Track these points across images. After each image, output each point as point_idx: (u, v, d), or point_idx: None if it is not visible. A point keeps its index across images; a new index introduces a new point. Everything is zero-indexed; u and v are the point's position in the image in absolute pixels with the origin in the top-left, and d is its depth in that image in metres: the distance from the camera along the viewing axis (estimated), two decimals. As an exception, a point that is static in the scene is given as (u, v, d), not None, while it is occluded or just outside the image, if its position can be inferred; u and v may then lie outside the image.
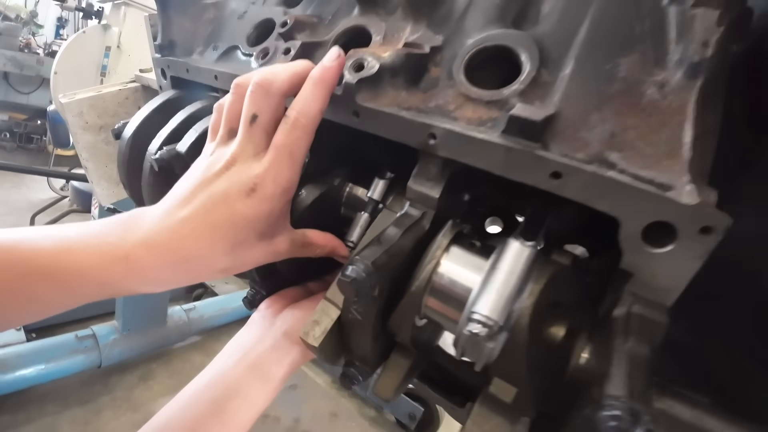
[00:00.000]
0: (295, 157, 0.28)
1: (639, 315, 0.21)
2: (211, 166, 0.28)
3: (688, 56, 0.22)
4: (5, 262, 0.25)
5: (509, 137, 0.23)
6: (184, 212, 0.27)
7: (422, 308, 0.26)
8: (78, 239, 0.26)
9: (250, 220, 0.27)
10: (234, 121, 0.29)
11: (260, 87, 0.27)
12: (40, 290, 0.26)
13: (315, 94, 0.27)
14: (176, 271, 0.27)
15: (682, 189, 0.20)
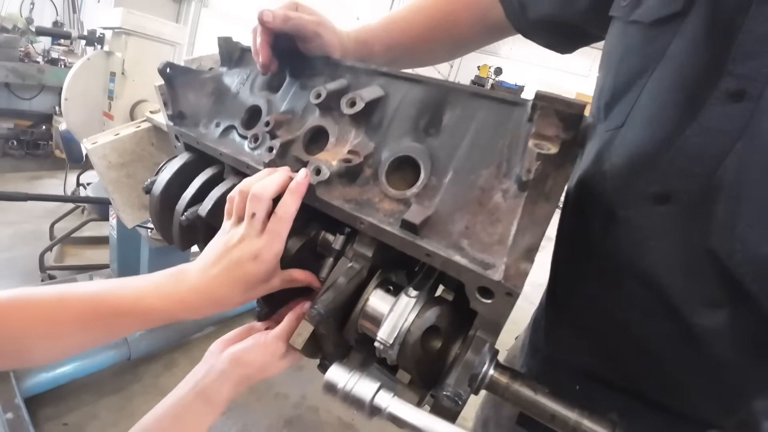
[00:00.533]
0: (282, 236, 0.43)
1: (477, 338, 0.36)
2: (229, 241, 0.43)
3: (520, 175, 0.36)
4: (99, 306, 0.40)
5: (402, 230, 0.37)
6: (215, 270, 0.42)
7: (359, 327, 0.42)
8: (147, 289, 0.41)
9: (255, 275, 0.42)
10: (241, 213, 0.43)
11: (256, 197, 0.41)
12: (124, 324, 0.41)
13: (292, 200, 0.42)
14: (211, 306, 0.43)
15: (498, 268, 0.34)
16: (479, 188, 0.38)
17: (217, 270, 0.42)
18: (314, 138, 0.49)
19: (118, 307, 0.40)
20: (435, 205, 0.38)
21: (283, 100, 0.55)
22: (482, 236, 0.36)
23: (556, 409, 0.39)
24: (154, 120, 0.95)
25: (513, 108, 0.39)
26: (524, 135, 0.37)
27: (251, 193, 0.42)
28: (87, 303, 0.39)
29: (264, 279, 0.44)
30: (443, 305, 0.39)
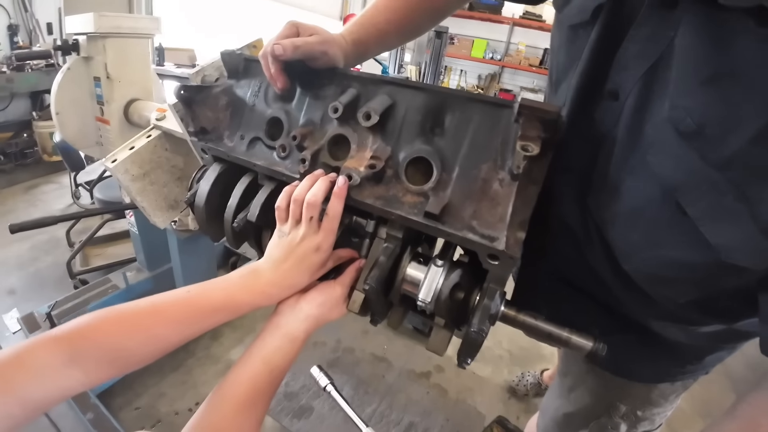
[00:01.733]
0: (334, 231, 0.54)
1: (491, 288, 0.49)
2: (292, 240, 0.54)
3: (512, 168, 0.47)
4: (194, 308, 0.52)
5: (426, 218, 0.49)
6: (287, 265, 0.54)
7: (401, 291, 0.55)
8: (234, 287, 0.53)
9: (318, 263, 0.55)
10: (298, 217, 0.54)
11: (311, 204, 0.52)
12: (218, 319, 0.54)
13: (338, 202, 0.52)
14: (287, 293, 0.55)
15: (501, 240, 0.46)
16: (481, 180, 0.49)
17: (288, 264, 0.54)
18: (336, 143, 0.58)
19: (212, 305, 0.51)
20: (448, 196, 0.49)
21: (300, 111, 0.63)
22: (487, 217, 0.48)
23: (551, 330, 0.54)
24: (163, 127, 1.01)
25: (503, 110, 0.48)
26: (513, 134, 0.47)
27: (306, 201, 0.52)
28: (182, 308, 0.49)
29: (324, 264, 0.56)
30: (462, 267, 0.52)
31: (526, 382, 1.88)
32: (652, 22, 0.41)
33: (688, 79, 0.38)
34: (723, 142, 0.36)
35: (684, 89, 0.39)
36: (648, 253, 0.47)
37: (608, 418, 0.78)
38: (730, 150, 0.36)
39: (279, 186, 0.64)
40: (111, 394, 1.60)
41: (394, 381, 1.79)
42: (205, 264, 1.74)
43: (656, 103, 0.42)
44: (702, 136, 0.38)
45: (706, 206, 0.39)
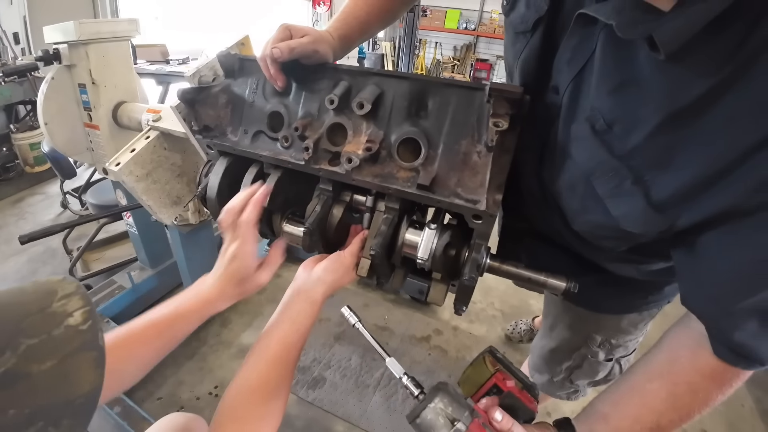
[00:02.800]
0: (248, 238, 0.62)
1: (477, 243, 0.59)
2: (222, 250, 0.63)
3: (487, 141, 0.56)
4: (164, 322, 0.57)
5: (419, 190, 0.58)
6: (217, 273, 0.61)
7: (402, 253, 0.65)
8: (188, 297, 0.60)
9: (239, 270, 0.61)
10: (225, 226, 0.63)
11: (227, 212, 0.62)
12: (191, 325, 0.59)
13: (251, 210, 0.62)
14: (225, 299, 0.61)
15: (482, 202, 0.56)
16: (462, 153, 0.58)
17: (218, 272, 0.62)
18: (333, 131, 0.66)
19: (187, 313, 0.59)
20: (435, 169, 0.58)
21: (298, 104, 0.70)
22: (469, 184, 0.57)
23: (530, 275, 0.65)
24: (160, 127, 1.05)
25: (476, 92, 0.57)
26: (486, 112, 0.56)
27: (224, 210, 0.61)
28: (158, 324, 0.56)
29: (248, 274, 0.63)
30: (451, 229, 0.62)
31: (520, 329, 2.04)
32: (577, 35, 0.50)
33: (601, 86, 0.47)
34: (626, 138, 0.45)
35: (598, 94, 0.48)
36: (583, 217, 0.58)
37: (587, 348, 0.91)
38: (632, 144, 0.45)
39: (284, 173, 0.72)
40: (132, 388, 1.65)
41: (397, 346, 1.93)
42: (208, 255, 1.81)
43: (582, 102, 0.51)
44: (610, 133, 0.46)
45: (612, 187, 0.48)
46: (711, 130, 0.38)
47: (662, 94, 0.41)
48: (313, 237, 0.67)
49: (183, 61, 3.47)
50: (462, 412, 0.48)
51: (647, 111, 0.42)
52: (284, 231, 0.75)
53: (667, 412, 0.51)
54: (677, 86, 0.39)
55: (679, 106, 0.39)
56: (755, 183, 0.37)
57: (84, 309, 0.34)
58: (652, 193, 0.44)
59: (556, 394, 1.07)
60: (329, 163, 0.64)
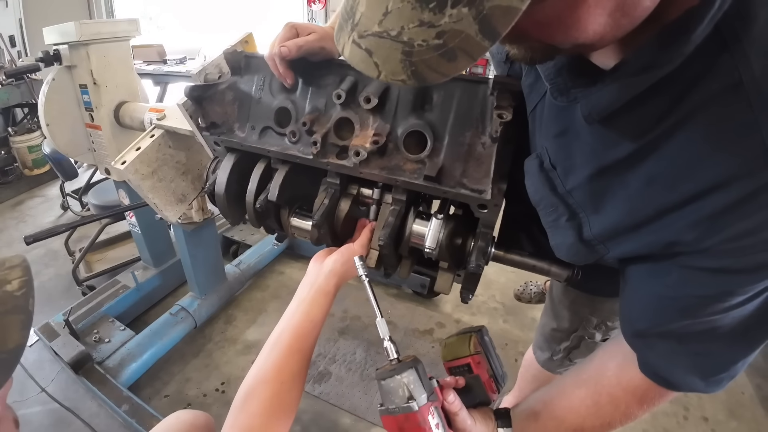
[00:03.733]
0: None
1: (482, 232, 0.61)
2: None
3: (491, 133, 0.57)
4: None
5: (426, 181, 0.59)
6: None
7: (410, 243, 0.67)
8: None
9: None
10: None
11: None
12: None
13: None
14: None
15: (488, 192, 0.57)
16: (467, 144, 0.60)
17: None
18: (340, 126, 0.67)
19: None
20: (441, 161, 0.60)
21: (305, 100, 0.71)
22: (474, 174, 0.59)
23: (535, 263, 0.67)
24: (165, 126, 1.07)
25: (479, 85, 0.59)
26: (490, 105, 0.57)
27: None
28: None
29: None
30: (457, 219, 0.64)
31: (530, 291, 2.07)
32: (533, 75, 0.53)
33: (549, 128, 0.51)
34: (565, 179, 0.49)
35: (546, 135, 0.51)
36: None
37: (584, 330, 0.94)
38: (569, 186, 0.48)
39: (293, 167, 0.74)
40: (139, 387, 1.70)
41: (401, 339, 1.95)
42: (212, 253, 1.83)
43: (537, 136, 0.55)
44: (554, 173, 0.50)
45: (551, 220, 0.52)
46: (634, 187, 0.41)
47: (592, 149, 0.44)
48: (321, 230, 0.69)
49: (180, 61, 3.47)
50: (421, 393, 0.51)
51: (581, 160, 0.46)
52: (292, 225, 0.77)
53: (590, 418, 0.55)
54: (604, 146, 0.43)
55: (605, 163, 0.43)
56: (666, 239, 0.40)
57: (21, 279, 0.39)
58: (584, 230, 0.49)
59: (556, 371, 1.10)
60: (337, 157, 0.66)
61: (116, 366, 1.64)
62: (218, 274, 1.91)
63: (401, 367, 0.52)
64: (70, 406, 1.58)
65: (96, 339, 1.75)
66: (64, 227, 1.33)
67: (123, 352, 1.68)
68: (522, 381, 1.34)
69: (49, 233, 1.31)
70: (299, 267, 2.43)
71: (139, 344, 1.71)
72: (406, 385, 0.51)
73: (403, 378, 0.51)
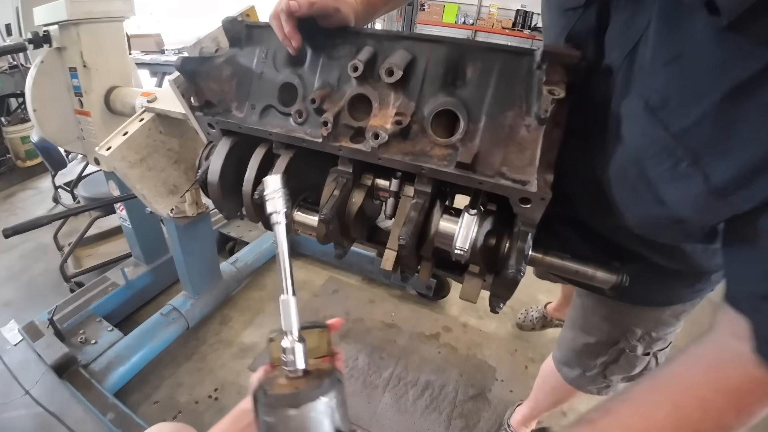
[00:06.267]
0: None
1: (522, 231, 0.51)
2: None
3: (538, 113, 0.48)
4: None
5: (458, 169, 0.50)
6: None
7: (435, 243, 0.57)
8: None
9: None
10: None
11: None
12: None
13: None
14: None
15: (532, 183, 0.48)
16: (508, 127, 0.50)
17: None
18: (356, 104, 0.58)
19: None
20: (477, 145, 0.50)
21: (314, 74, 0.61)
22: (516, 162, 0.50)
23: (578, 267, 0.57)
24: (156, 109, 0.97)
25: (523, 57, 0.49)
26: (536, 80, 0.48)
27: None
28: None
29: None
30: (492, 215, 0.54)
31: (532, 317, 1.96)
32: (630, 9, 0.46)
33: (656, 60, 0.43)
34: (682, 114, 0.40)
35: (653, 69, 0.43)
36: (635, 209, 0.52)
37: (626, 342, 0.84)
38: (688, 121, 0.40)
39: (298, 153, 0.64)
40: (127, 391, 1.59)
41: (405, 344, 1.86)
42: (207, 250, 1.72)
43: (635, 79, 0.46)
44: (665, 110, 0.42)
45: (665, 169, 0.43)
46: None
47: (721, 66, 0.37)
48: (330, 226, 0.60)
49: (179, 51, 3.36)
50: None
51: (705, 85, 0.39)
52: (295, 220, 0.67)
53: (668, 428, 0.44)
54: (738, 57, 0.36)
55: (739, 79, 0.36)
56: None
57: None
58: (712, 176, 0.40)
59: (586, 388, 1.00)
60: (351, 140, 0.56)
61: (103, 369, 1.53)
62: (213, 273, 1.81)
63: (325, 388, 0.33)
64: (55, 410, 1.47)
65: (82, 340, 1.64)
66: (47, 219, 1.23)
67: (110, 354, 1.58)
68: (539, 393, 1.25)
69: (30, 225, 1.21)
70: (300, 266, 2.33)
71: (127, 346, 1.60)
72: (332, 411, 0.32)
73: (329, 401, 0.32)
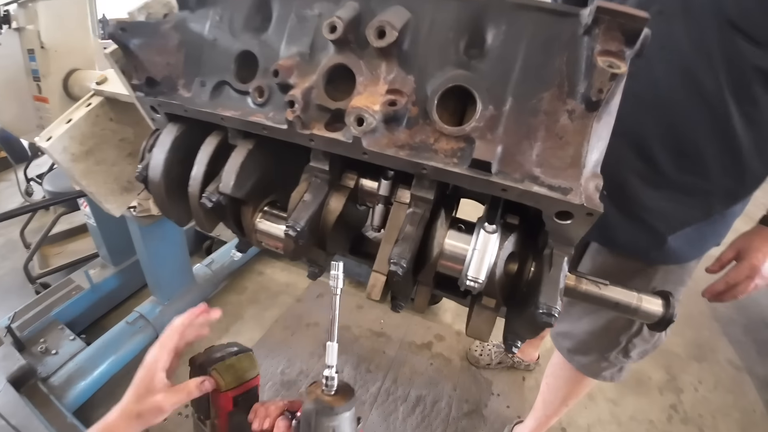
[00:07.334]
0: None
1: (556, 255, 0.38)
2: None
3: (589, 95, 0.34)
4: None
5: (473, 170, 0.36)
6: None
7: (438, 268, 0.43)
8: None
9: None
10: None
11: None
12: None
13: None
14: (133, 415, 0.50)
15: (577, 191, 0.34)
16: (543, 113, 0.36)
17: None
18: (334, 78, 0.43)
19: None
20: (500, 137, 0.36)
21: (280, 40, 0.46)
22: (553, 162, 0.36)
23: (619, 298, 0.44)
24: (104, 92, 0.80)
25: (565, 19, 0.35)
26: (584, 50, 0.34)
27: None
28: None
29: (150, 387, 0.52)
30: (515, 231, 0.40)
31: (489, 350, 1.70)
32: None
33: None
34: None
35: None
36: None
37: None
38: None
39: (259, 144, 0.49)
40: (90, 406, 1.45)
41: (395, 355, 1.73)
42: (177, 251, 1.56)
43: None
44: None
45: None
46: None
47: None
48: (300, 240, 0.45)
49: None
50: None
51: None
52: (258, 229, 0.53)
53: None
54: None
55: None
56: None
57: None
58: None
59: (601, 375, 0.98)
60: (327, 127, 0.42)
61: (63, 384, 1.39)
62: (185, 276, 1.65)
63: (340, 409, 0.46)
64: (17, 423, 1.32)
65: (42, 350, 1.48)
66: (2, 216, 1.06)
67: (71, 367, 1.43)
68: (548, 393, 1.22)
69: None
70: (282, 267, 2.18)
71: (89, 358, 1.45)
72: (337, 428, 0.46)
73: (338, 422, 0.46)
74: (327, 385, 0.47)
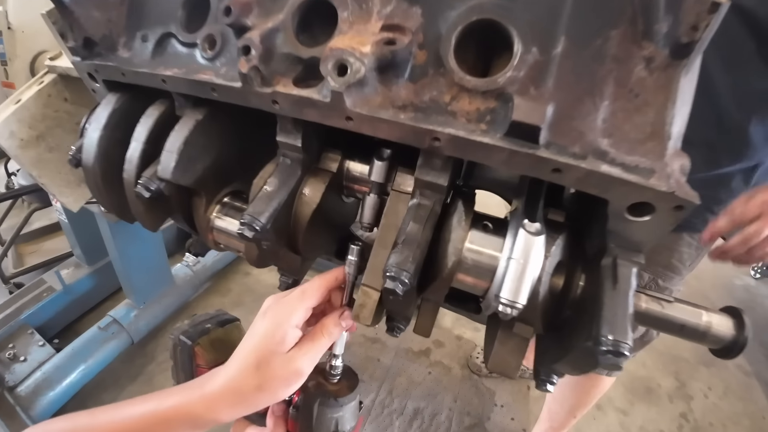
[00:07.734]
0: None
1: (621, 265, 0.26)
2: None
3: (677, 35, 0.22)
4: None
5: (511, 139, 0.24)
6: None
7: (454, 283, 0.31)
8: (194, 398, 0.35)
9: None
10: None
11: None
12: None
13: None
14: None
15: (662, 173, 0.23)
16: (611, 58, 0.24)
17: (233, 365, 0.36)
18: (306, 18, 0.31)
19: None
20: (550, 93, 0.25)
21: (239, -28, 0.34)
22: (627, 130, 0.24)
23: (685, 319, 0.33)
24: (57, 68, 0.68)
25: None
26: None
27: None
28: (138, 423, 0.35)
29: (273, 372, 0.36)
30: (563, 232, 0.29)
31: None
32: None
33: None
34: None
35: None
36: None
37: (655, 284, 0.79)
38: None
39: (213, 114, 0.37)
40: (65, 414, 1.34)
41: (391, 363, 1.61)
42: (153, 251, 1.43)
43: None
44: None
45: None
46: None
47: None
48: (263, 242, 0.33)
49: None
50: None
51: None
52: (215, 227, 0.41)
53: None
54: None
55: None
56: None
57: None
58: None
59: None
60: (297, 84, 0.30)
61: (30, 394, 1.27)
62: (162, 277, 1.52)
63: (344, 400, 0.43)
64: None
65: (10, 356, 1.36)
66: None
67: (38, 376, 1.30)
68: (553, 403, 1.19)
69: None
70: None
71: (58, 366, 1.33)
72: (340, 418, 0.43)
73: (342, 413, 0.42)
74: (331, 373, 0.43)
